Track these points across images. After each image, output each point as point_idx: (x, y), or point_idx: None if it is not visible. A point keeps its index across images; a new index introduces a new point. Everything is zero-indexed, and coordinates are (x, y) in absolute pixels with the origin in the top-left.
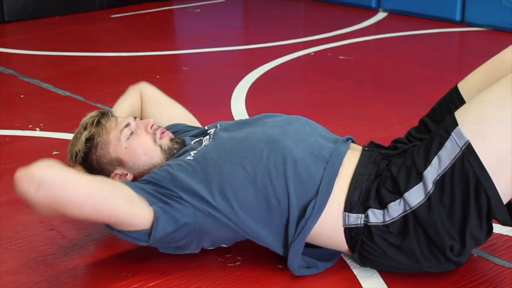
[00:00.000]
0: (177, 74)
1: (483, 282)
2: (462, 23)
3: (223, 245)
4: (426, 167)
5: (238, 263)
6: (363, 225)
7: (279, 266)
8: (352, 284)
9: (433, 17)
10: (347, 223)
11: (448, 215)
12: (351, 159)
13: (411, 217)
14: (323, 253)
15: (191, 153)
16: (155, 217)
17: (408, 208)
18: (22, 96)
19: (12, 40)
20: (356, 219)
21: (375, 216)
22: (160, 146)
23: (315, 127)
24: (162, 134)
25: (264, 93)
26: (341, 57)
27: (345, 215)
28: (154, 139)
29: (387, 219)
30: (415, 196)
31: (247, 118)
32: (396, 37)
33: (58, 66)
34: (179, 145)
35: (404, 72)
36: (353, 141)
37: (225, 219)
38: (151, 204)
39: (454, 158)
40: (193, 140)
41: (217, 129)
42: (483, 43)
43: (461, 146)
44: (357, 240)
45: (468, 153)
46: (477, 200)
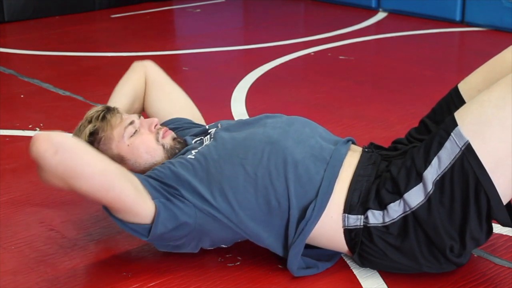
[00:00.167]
0: (177, 74)
1: (483, 282)
2: (462, 23)
3: (223, 245)
4: (426, 167)
5: (238, 263)
6: (362, 226)
7: (279, 266)
8: (352, 284)
9: (433, 17)
10: (346, 224)
11: (448, 215)
12: (351, 160)
13: (411, 218)
14: (323, 253)
15: (192, 152)
16: (156, 211)
17: (408, 209)
18: (22, 96)
19: (12, 40)
20: (356, 220)
21: (374, 217)
22: (163, 146)
23: (316, 128)
24: (164, 134)
25: (264, 93)
26: (341, 57)
27: (345, 216)
28: (157, 138)
29: (386, 220)
30: (415, 197)
31: (248, 118)
32: (396, 37)
33: (58, 66)
34: (181, 145)
35: (404, 72)
36: (353, 143)
37: (225, 220)
38: (153, 198)
39: (454, 158)
40: (193, 139)
41: (218, 128)
42: (483, 43)
43: (460, 147)
44: (357, 241)
45: (468, 153)
46: (477, 200)
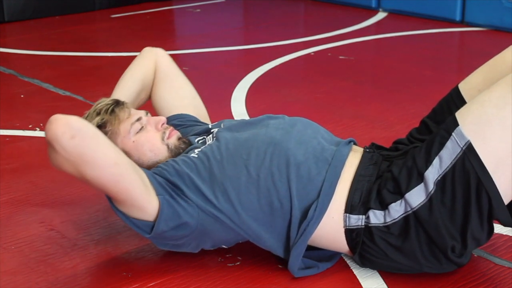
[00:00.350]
0: None
1: (483, 282)
2: (462, 23)
3: (224, 245)
4: (427, 167)
5: (238, 263)
6: (364, 226)
7: (279, 266)
8: (352, 284)
9: (433, 17)
10: (347, 225)
11: (449, 215)
12: (352, 161)
13: (412, 218)
14: (323, 254)
15: (195, 151)
16: (160, 208)
17: (409, 209)
18: (22, 96)
19: (12, 40)
20: (357, 220)
21: (376, 217)
22: (167, 145)
23: (318, 129)
24: (170, 133)
25: (264, 93)
26: (341, 57)
27: (346, 216)
28: (163, 138)
29: (388, 220)
30: (416, 197)
31: (250, 118)
32: (396, 37)
33: (58, 66)
34: (186, 145)
35: (404, 72)
36: (355, 143)
37: (227, 220)
38: (158, 194)
39: (455, 158)
40: (196, 139)
41: (221, 128)
42: (483, 43)
43: (462, 146)
44: (358, 241)
45: (469, 153)
46: (478, 200)
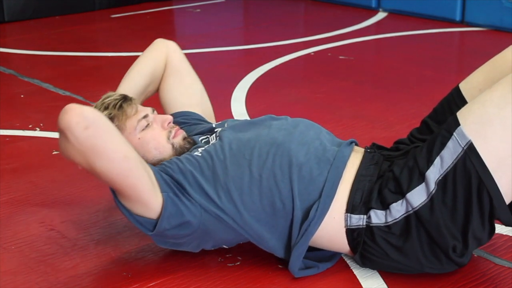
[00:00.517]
0: None
1: (483, 282)
2: (462, 23)
3: (224, 246)
4: (428, 167)
5: (238, 263)
6: (365, 226)
7: (279, 266)
8: (352, 284)
9: (433, 17)
10: (349, 224)
11: (450, 215)
12: (353, 161)
13: (413, 218)
14: (323, 254)
15: (199, 150)
16: (163, 205)
17: (410, 209)
18: (22, 96)
19: (12, 40)
20: (358, 220)
21: (377, 217)
22: (172, 144)
23: (320, 130)
24: (176, 133)
25: (264, 93)
26: (341, 57)
27: (347, 216)
28: (168, 136)
29: (389, 219)
30: (418, 197)
31: (254, 118)
32: (396, 37)
33: (58, 66)
34: (190, 145)
35: (404, 72)
36: (356, 144)
37: (229, 220)
38: (162, 192)
39: (456, 158)
40: (200, 138)
41: (224, 128)
42: (483, 43)
43: (463, 146)
44: (359, 241)
45: (470, 153)
46: (479, 200)
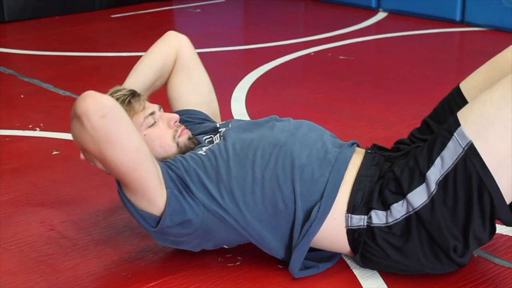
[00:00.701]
0: None
1: (483, 282)
2: (462, 23)
3: (225, 246)
4: (429, 167)
5: (238, 263)
6: (365, 226)
7: (279, 266)
8: (353, 284)
9: (433, 17)
10: (349, 225)
11: (451, 215)
12: (354, 162)
13: (414, 218)
14: (323, 255)
15: (203, 149)
16: (167, 201)
17: (411, 209)
18: (22, 96)
19: (12, 40)
20: (359, 220)
21: (377, 218)
22: (177, 144)
23: (322, 132)
24: (182, 132)
25: (264, 93)
26: (341, 57)
27: (348, 216)
28: (174, 136)
29: (390, 220)
30: (418, 197)
31: (257, 119)
32: (396, 37)
33: (58, 66)
34: (195, 145)
35: (404, 72)
36: (358, 145)
37: (231, 221)
38: (167, 188)
39: (457, 158)
40: (203, 137)
41: (228, 128)
42: (483, 43)
43: (463, 147)
44: (360, 242)
45: (471, 153)
46: (480, 200)
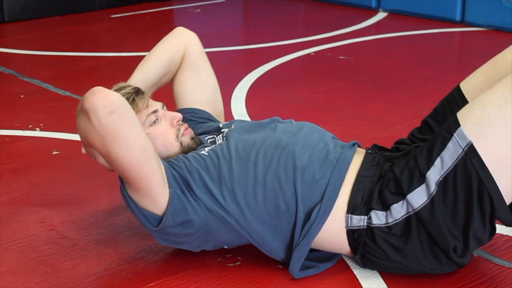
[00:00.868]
0: None
1: (483, 282)
2: (462, 23)
3: (225, 246)
4: (428, 168)
5: (238, 263)
6: (365, 227)
7: (279, 266)
8: (353, 284)
9: (433, 17)
10: (349, 225)
11: (451, 216)
12: (355, 162)
13: (414, 219)
14: (323, 255)
15: (206, 149)
16: (169, 200)
17: (411, 210)
18: (22, 96)
19: (12, 40)
20: (359, 221)
21: (377, 218)
22: (181, 143)
23: (324, 133)
24: (185, 131)
25: (264, 93)
26: (341, 57)
27: (348, 217)
28: (177, 135)
29: (389, 220)
30: (418, 198)
31: (260, 120)
32: (396, 37)
33: (58, 66)
34: (197, 145)
35: (404, 72)
36: (358, 146)
37: (233, 222)
38: (169, 187)
39: (457, 159)
40: (206, 137)
41: (231, 129)
42: (483, 43)
43: (463, 147)
44: (360, 242)
45: (471, 154)
46: (480, 201)
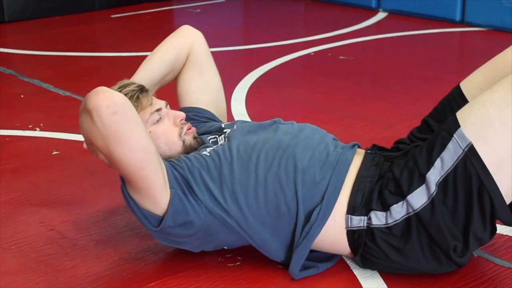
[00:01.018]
0: None
1: (483, 282)
2: (462, 23)
3: (225, 247)
4: (429, 169)
5: (238, 263)
6: (365, 227)
7: (279, 266)
8: (353, 285)
9: (433, 17)
10: (349, 226)
11: (451, 216)
12: (355, 163)
13: (414, 219)
14: (323, 255)
15: (207, 149)
16: (170, 201)
17: (411, 210)
18: (22, 96)
19: (12, 40)
20: (359, 221)
21: (377, 219)
22: (183, 142)
23: (325, 135)
24: (188, 130)
25: (264, 93)
26: (341, 57)
27: (348, 217)
28: (180, 133)
29: (389, 221)
30: (418, 199)
31: (262, 122)
32: (396, 37)
33: (58, 66)
34: (199, 144)
35: (404, 72)
36: (358, 147)
37: (233, 223)
38: (170, 188)
39: (457, 160)
40: (208, 137)
41: (233, 129)
42: (483, 43)
43: (463, 148)
44: (360, 243)
45: (471, 154)
46: (480, 201)
